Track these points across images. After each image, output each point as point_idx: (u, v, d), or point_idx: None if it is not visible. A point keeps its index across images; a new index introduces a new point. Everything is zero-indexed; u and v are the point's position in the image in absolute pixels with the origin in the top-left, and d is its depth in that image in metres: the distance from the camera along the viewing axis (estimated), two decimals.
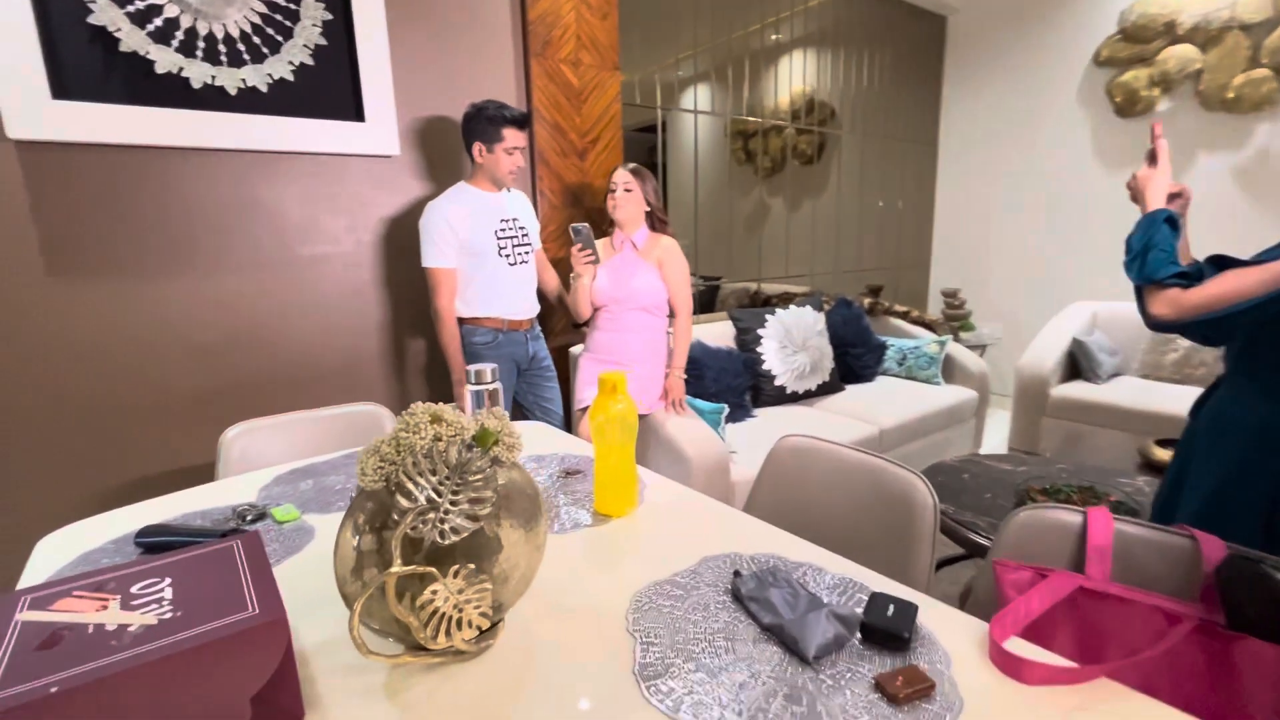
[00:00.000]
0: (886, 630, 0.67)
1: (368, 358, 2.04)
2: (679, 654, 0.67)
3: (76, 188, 1.54)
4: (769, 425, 2.42)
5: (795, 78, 3.75)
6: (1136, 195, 1.09)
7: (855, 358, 3.02)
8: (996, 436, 3.37)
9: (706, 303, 4.06)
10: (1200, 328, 0.93)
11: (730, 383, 2.48)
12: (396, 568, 0.59)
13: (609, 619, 0.73)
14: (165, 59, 1.57)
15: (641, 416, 2.02)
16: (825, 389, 2.77)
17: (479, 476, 0.63)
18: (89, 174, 1.55)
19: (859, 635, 0.68)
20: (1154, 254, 0.96)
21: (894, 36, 3.95)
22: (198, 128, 1.63)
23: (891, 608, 0.69)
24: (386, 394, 2.08)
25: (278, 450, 1.40)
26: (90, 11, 1.47)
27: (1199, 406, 1.04)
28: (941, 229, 4.36)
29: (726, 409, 2.12)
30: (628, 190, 1.96)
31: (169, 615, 0.57)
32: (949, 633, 0.69)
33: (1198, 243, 1.15)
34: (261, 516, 1.04)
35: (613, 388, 0.97)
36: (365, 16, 1.83)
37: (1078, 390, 2.92)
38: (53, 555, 0.92)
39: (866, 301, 3.46)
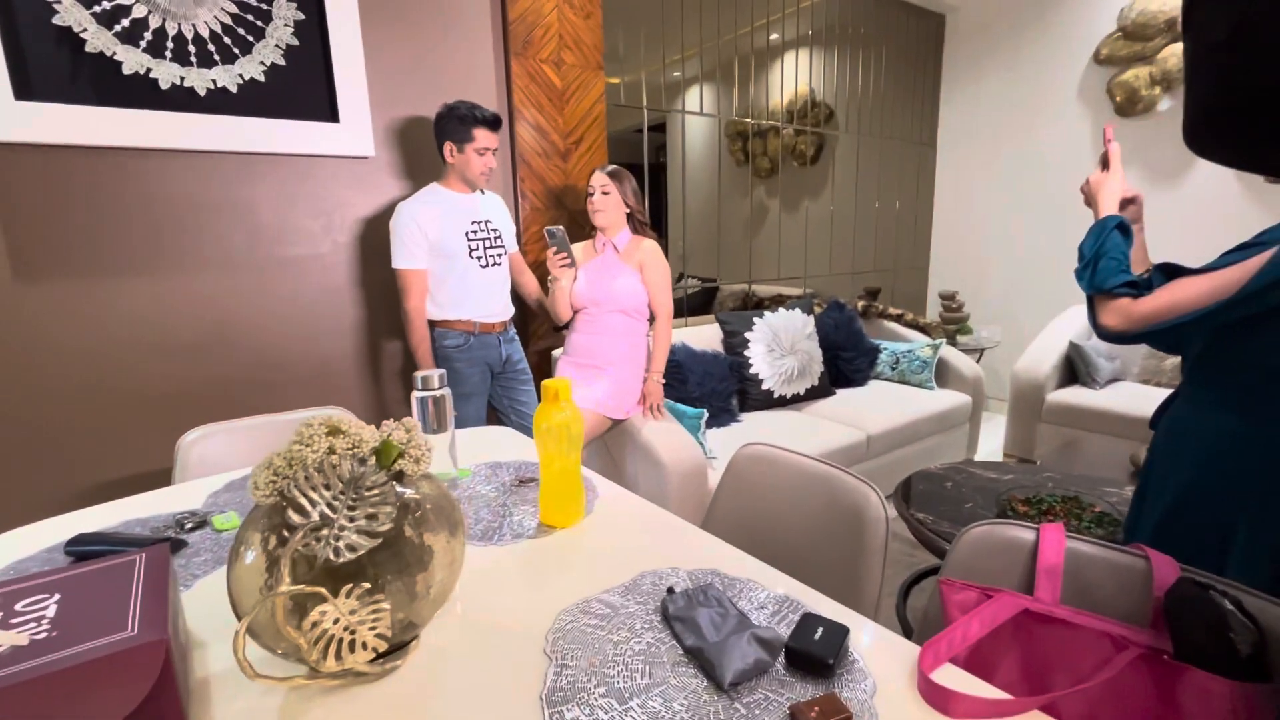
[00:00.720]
0: (810, 655, 0.63)
1: (342, 359, 2.02)
2: (592, 678, 0.64)
3: (40, 188, 1.53)
4: (753, 430, 2.38)
5: (793, 78, 3.71)
6: (1089, 200, 1.05)
7: (847, 361, 2.97)
8: (993, 442, 3.31)
9: (703, 305, 4.02)
10: (1150, 338, 0.90)
11: (715, 386, 2.45)
12: (285, 587, 0.56)
13: (528, 639, 0.70)
14: (132, 59, 1.56)
15: (619, 421, 1.99)
16: (814, 393, 2.72)
17: (375, 492, 0.60)
18: (53, 175, 1.54)
19: (783, 660, 0.65)
20: (1104, 262, 0.93)
21: (892, 35, 3.90)
22: (165, 128, 1.62)
23: (820, 630, 0.66)
24: (361, 396, 2.06)
25: (237, 455, 1.38)
26: (55, 12, 1.47)
27: (1158, 417, 0.99)
28: (940, 230, 4.30)
29: (706, 414, 2.08)
30: (605, 193, 1.94)
31: (43, 635, 0.54)
32: (882, 659, 0.66)
33: (1208, 243, 1.10)
34: (201, 524, 1.02)
35: (555, 395, 0.94)
36: (339, 16, 1.81)
37: (1075, 395, 2.86)
38: None
39: (861, 304, 3.42)
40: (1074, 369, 3.01)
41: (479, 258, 1.88)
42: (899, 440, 2.57)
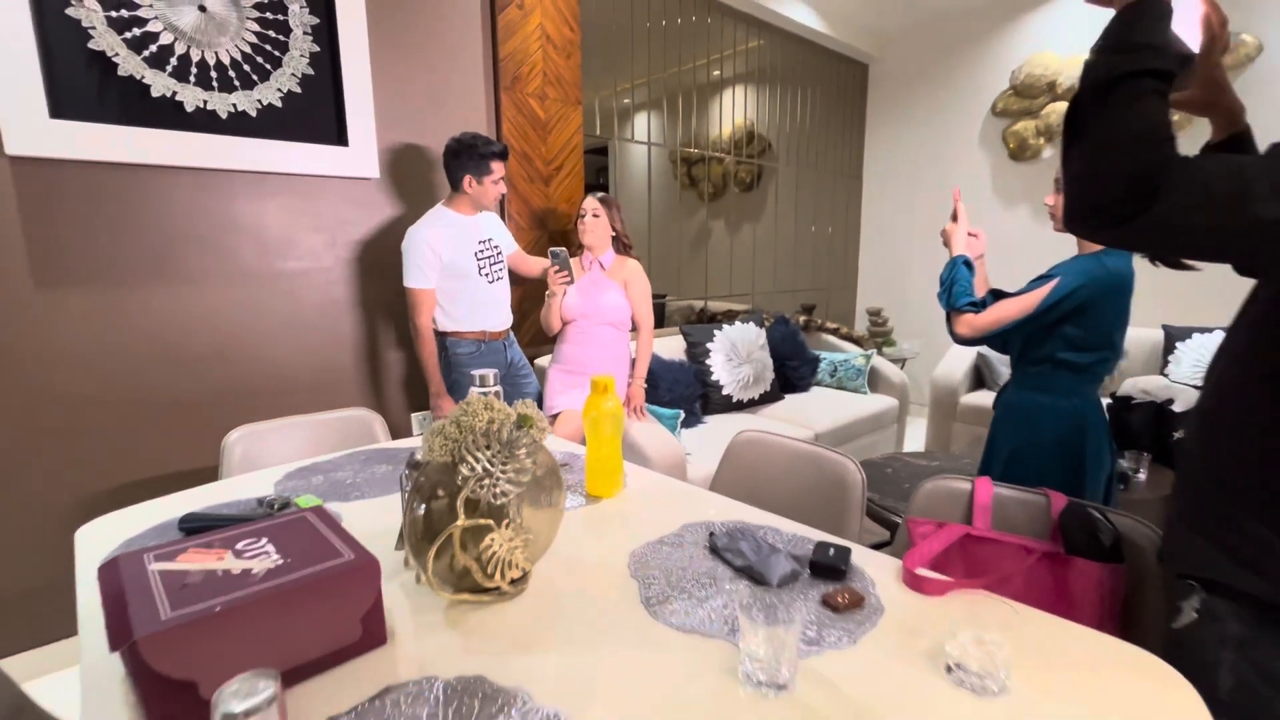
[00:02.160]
0: (829, 565, 0.88)
1: (343, 369, 2.13)
2: (673, 589, 0.86)
3: (67, 202, 1.59)
4: (718, 430, 2.65)
5: (735, 111, 4.08)
6: (946, 243, 1.41)
7: (792, 369, 3.31)
8: (915, 440, 3.75)
9: (655, 319, 4.30)
10: (987, 341, 1.31)
11: (683, 392, 2.70)
12: (461, 521, 0.76)
13: (614, 571, 0.92)
14: (160, 83, 1.66)
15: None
16: (767, 398, 3.04)
17: (523, 451, 0.80)
18: (79, 189, 1.61)
19: (809, 570, 0.90)
20: (955, 288, 1.30)
21: (823, 79, 4.37)
22: (188, 148, 1.72)
23: (832, 550, 0.91)
24: (363, 403, 2.18)
25: (277, 452, 1.50)
26: (90, 37, 1.55)
27: (998, 400, 1.42)
28: (866, 254, 4.79)
29: (683, 414, 2.33)
30: (595, 216, 2.16)
31: (281, 562, 0.71)
32: (873, 568, 0.92)
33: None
34: (285, 505, 1.16)
35: (604, 389, 1.16)
36: (351, 50, 1.96)
37: (982, 398, 3.32)
38: (99, 540, 1.01)
39: (801, 319, 3.79)
40: (981, 375, 3.49)
41: (486, 274, 2.07)
42: (841, 438, 2.92)
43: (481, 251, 2.06)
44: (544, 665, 0.71)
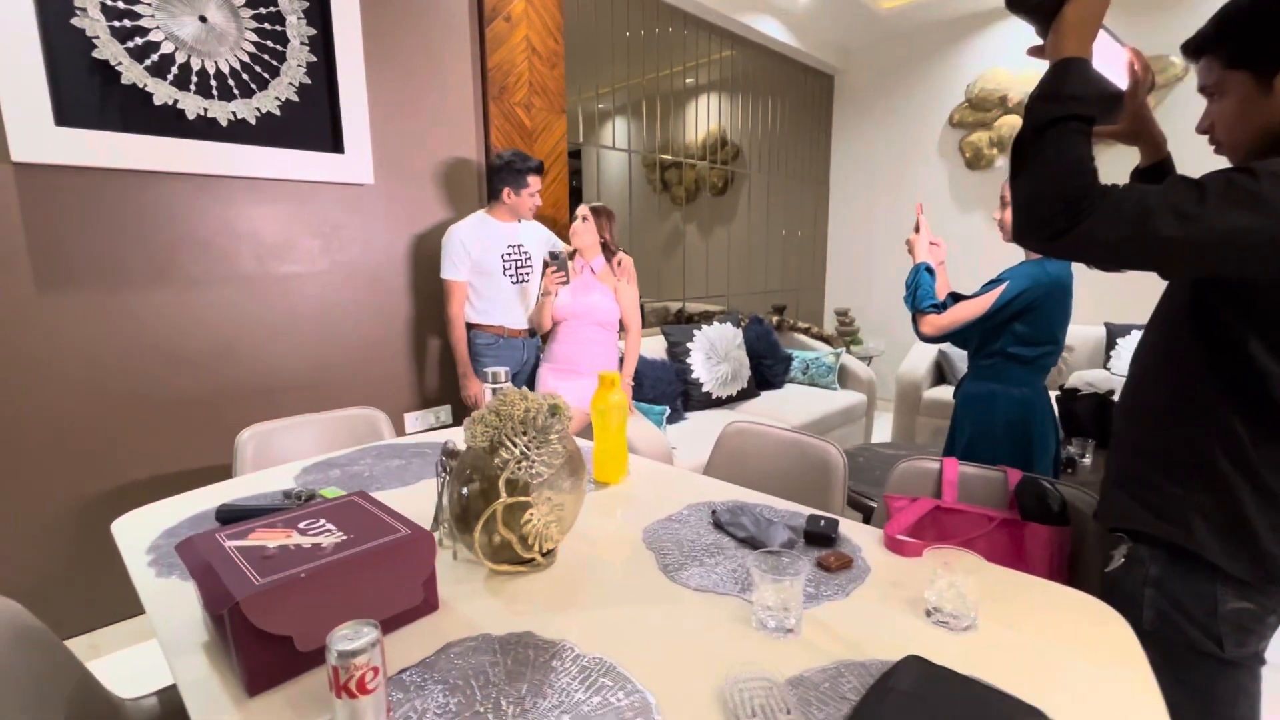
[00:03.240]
0: (821, 534, 1.01)
1: (338, 369, 2.18)
2: (686, 558, 0.97)
3: (69, 207, 1.62)
4: (699, 425, 2.78)
5: (706, 118, 4.23)
6: (910, 251, 1.58)
7: (767, 367, 3.47)
8: (882, 433, 3.95)
9: None
10: (949, 339, 1.48)
11: (665, 389, 2.82)
12: (503, 499, 0.86)
13: (631, 544, 1.02)
14: (162, 91, 1.69)
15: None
16: (744, 394, 3.18)
17: (554, 436, 0.90)
18: (82, 195, 1.64)
19: (803, 539, 1.02)
20: (920, 292, 1.47)
21: (791, 89, 4.55)
22: (190, 155, 1.75)
23: (823, 521, 1.04)
24: (358, 403, 2.22)
25: (288, 449, 1.56)
26: (94, 46, 1.58)
27: (957, 390, 1.60)
28: (833, 257, 5.00)
29: (668, 410, 2.45)
30: (584, 219, 2.26)
31: (346, 538, 0.80)
32: (857, 536, 1.04)
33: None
34: (311, 496, 1.23)
35: (611, 383, 1.26)
36: (346, 60, 2.02)
37: (944, 393, 3.53)
38: (137, 531, 1.07)
39: (775, 319, 3.95)
40: (942, 371, 3.70)
41: (510, 275, 2.27)
42: (815, 431, 3.06)
43: (509, 255, 2.25)
44: (581, 621, 0.81)
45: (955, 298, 1.49)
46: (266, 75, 1.88)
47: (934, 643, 0.76)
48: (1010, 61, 3.89)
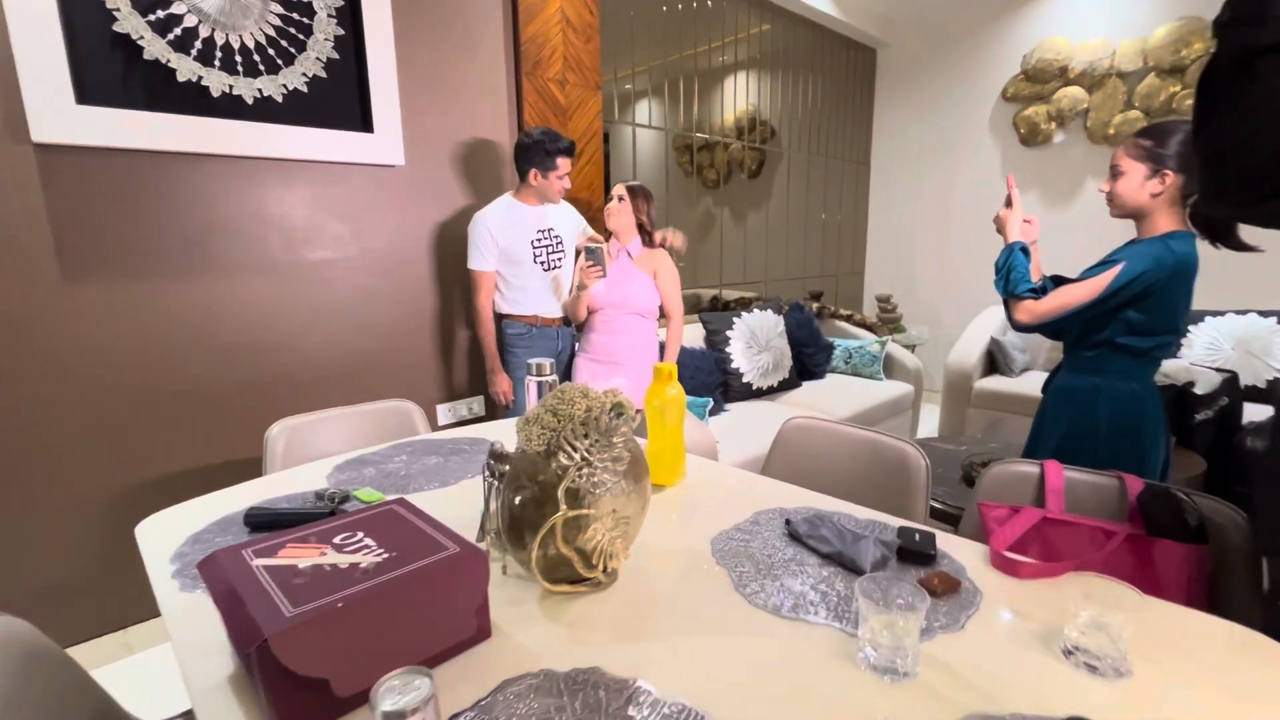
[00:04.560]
0: (918, 550, 0.88)
1: (370, 357, 2.10)
2: (764, 575, 0.85)
3: (92, 191, 1.55)
4: (741, 418, 2.65)
5: (740, 97, 4.05)
6: (1000, 229, 1.40)
7: (808, 356, 3.31)
8: (928, 426, 3.77)
9: None
10: (1048, 327, 1.31)
11: (704, 380, 2.70)
12: (564, 511, 0.75)
13: (699, 557, 0.91)
14: (185, 67, 1.61)
15: (639, 410, 2.19)
16: (785, 385, 3.04)
17: (620, 439, 0.79)
18: (104, 177, 1.56)
19: (896, 556, 0.89)
20: (1013, 274, 1.30)
21: (830, 65, 4.34)
22: (216, 134, 1.67)
23: (917, 535, 0.91)
24: (390, 394, 2.15)
25: (319, 444, 1.47)
26: (114, 19, 1.50)
27: (1048, 384, 1.43)
28: (874, 240, 4.79)
29: (711, 402, 2.33)
30: (620, 199, 2.14)
31: (385, 556, 0.70)
32: (957, 553, 0.91)
33: (1086, 251, 1.52)
34: (345, 499, 1.14)
35: (667, 376, 1.14)
36: (375, 33, 1.91)
37: (996, 383, 3.34)
38: (162, 535, 0.99)
39: (815, 306, 3.78)
40: (994, 361, 3.51)
41: (542, 263, 2.14)
42: (859, 424, 2.92)
43: (539, 240, 2.12)
44: (654, 655, 0.70)
45: (1057, 281, 1.33)
46: (293, 50, 1.79)
47: (1083, 693, 0.63)
48: (1071, 30, 3.64)
